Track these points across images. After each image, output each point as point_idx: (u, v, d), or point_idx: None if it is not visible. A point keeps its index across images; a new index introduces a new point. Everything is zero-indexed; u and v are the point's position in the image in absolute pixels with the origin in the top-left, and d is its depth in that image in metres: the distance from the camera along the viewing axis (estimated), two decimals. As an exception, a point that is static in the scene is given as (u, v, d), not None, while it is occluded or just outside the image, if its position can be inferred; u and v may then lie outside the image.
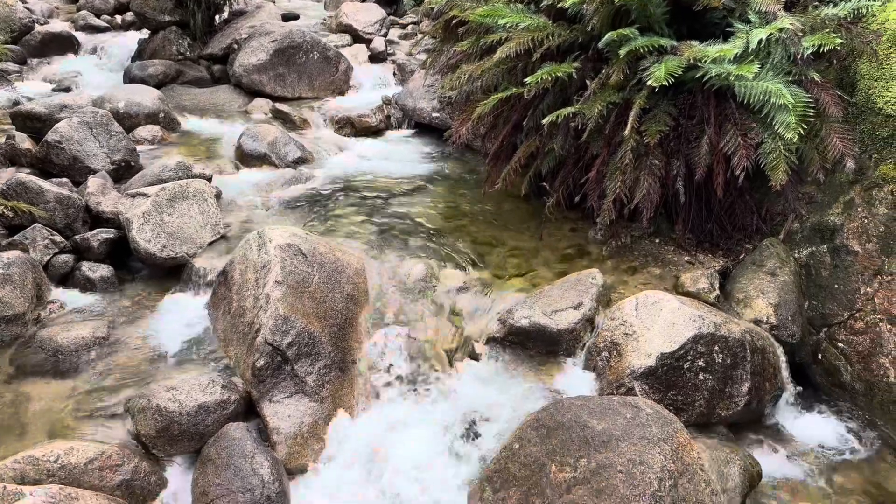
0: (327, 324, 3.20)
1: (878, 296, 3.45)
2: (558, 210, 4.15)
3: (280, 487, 2.70)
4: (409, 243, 3.96)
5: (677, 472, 2.42)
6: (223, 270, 3.54)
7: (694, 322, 3.22)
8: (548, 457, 2.56)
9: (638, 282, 3.80)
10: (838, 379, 3.57)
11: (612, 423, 2.57)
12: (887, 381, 3.40)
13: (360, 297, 3.43)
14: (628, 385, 3.18)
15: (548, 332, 3.40)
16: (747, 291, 3.67)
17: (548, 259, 4.01)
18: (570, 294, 3.53)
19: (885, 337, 3.41)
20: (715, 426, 3.24)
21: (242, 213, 4.33)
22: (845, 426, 3.45)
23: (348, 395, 3.15)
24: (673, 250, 4.03)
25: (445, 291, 3.67)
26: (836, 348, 3.58)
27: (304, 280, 3.25)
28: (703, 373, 3.18)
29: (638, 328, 3.29)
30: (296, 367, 3.04)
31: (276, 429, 2.94)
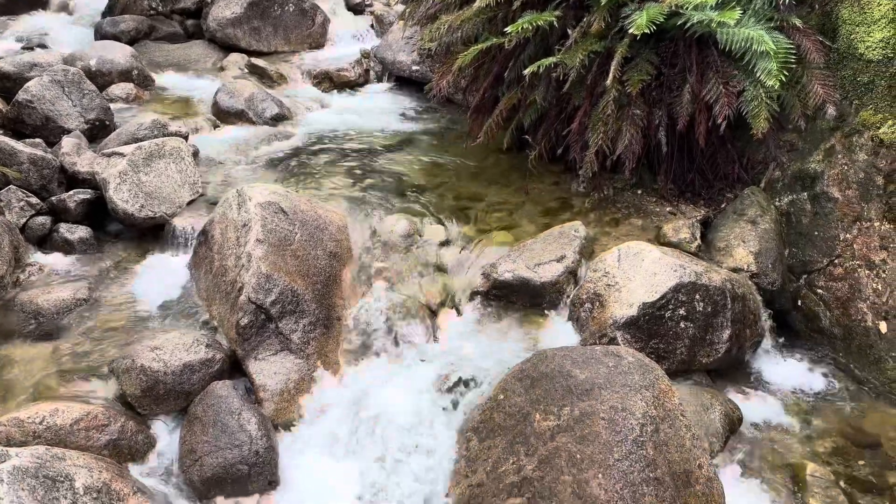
0: (311, 281, 3.20)
1: (857, 242, 3.48)
2: (541, 163, 4.13)
3: (268, 443, 2.73)
4: (392, 199, 3.93)
5: (659, 417, 2.46)
6: (203, 230, 3.50)
7: (675, 272, 3.24)
8: (532, 406, 2.60)
9: (620, 233, 3.81)
10: (817, 325, 3.63)
11: (595, 372, 2.60)
12: (865, 325, 3.46)
13: (343, 254, 3.42)
14: (611, 335, 3.21)
15: (531, 285, 3.41)
16: (728, 240, 3.70)
17: (531, 213, 4.00)
18: (553, 247, 3.54)
19: (864, 282, 3.46)
20: (696, 373, 3.30)
21: (221, 171, 4.27)
22: (823, 371, 3.52)
23: (334, 352, 3.16)
24: (655, 201, 4.04)
25: (429, 247, 3.66)
26: (816, 294, 3.62)
27: (286, 238, 3.23)
28: (684, 321, 3.22)
29: (620, 279, 3.31)
30: (280, 325, 3.04)
31: (263, 386, 2.95)
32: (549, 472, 2.40)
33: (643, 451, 2.37)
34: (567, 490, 2.34)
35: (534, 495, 2.39)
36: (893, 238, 3.38)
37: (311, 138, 4.76)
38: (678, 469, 2.41)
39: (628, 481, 2.31)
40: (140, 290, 3.47)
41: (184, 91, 5.51)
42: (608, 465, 2.35)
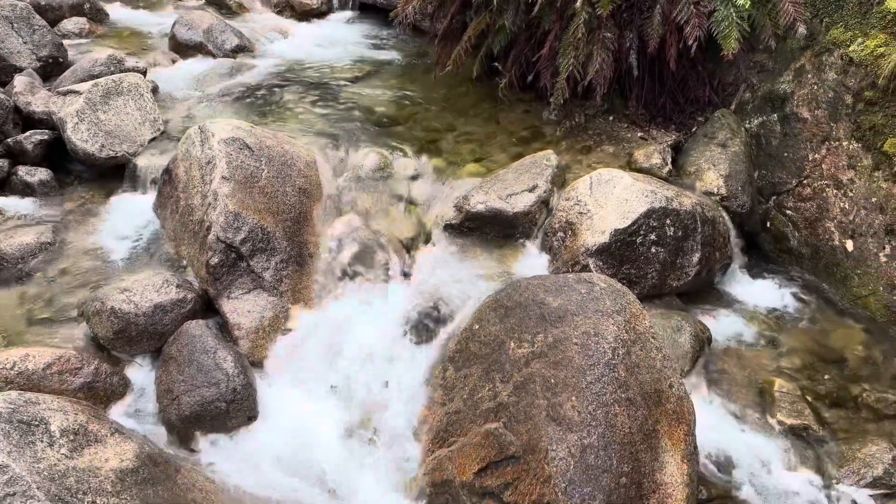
0: (280, 218, 3.15)
1: (825, 162, 3.50)
2: (511, 91, 4.06)
3: (245, 380, 2.73)
4: (361, 133, 3.86)
5: (630, 340, 2.50)
6: (167, 168, 3.42)
7: (646, 197, 3.24)
8: (506, 335, 2.62)
9: (592, 161, 3.79)
10: (786, 245, 3.68)
11: (568, 298, 2.62)
12: (832, 244, 3.52)
13: (312, 190, 3.36)
14: (583, 262, 3.23)
15: (504, 215, 3.40)
16: (699, 164, 3.70)
17: (502, 143, 3.96)
18: (525, 177, 3.52)
19: (832, 202, 3.50)
20: (667, 296, 3.34)
21: (182, 107, 4.14)
22: (791, 290, 3.59)
23: (308, 289, 3.15)
24: (626, 127, 4.01)
25: (400, 180, 3.62)
26: (785, 215, 3.66)
27: (253, 175, 3.16)
28: (655, 246, 3.24)
29: (592, 207, 3.31)
30: (252, 263, 3.01)
31: (237, 324, 2.94)
32: (524, 397, 2.44)
33: (615, 373, 2.42)
34: (542, 413, 2.39)
35: (509, 420, 2.44)
36: (861, 157, 3.41)
37: (275, 70, 4.62)
38: (649, 389, 2.46)
39: (601, 402, 2.36)
40: (106, 231, 3.40)
41: (139, 24, 5.29)
42: (581, 388, 2.39)
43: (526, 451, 2.36)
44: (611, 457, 2.31)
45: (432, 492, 2.52)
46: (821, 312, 3.49)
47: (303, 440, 2.72)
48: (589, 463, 2.30)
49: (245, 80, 4.47)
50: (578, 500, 2.26)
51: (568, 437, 2.33)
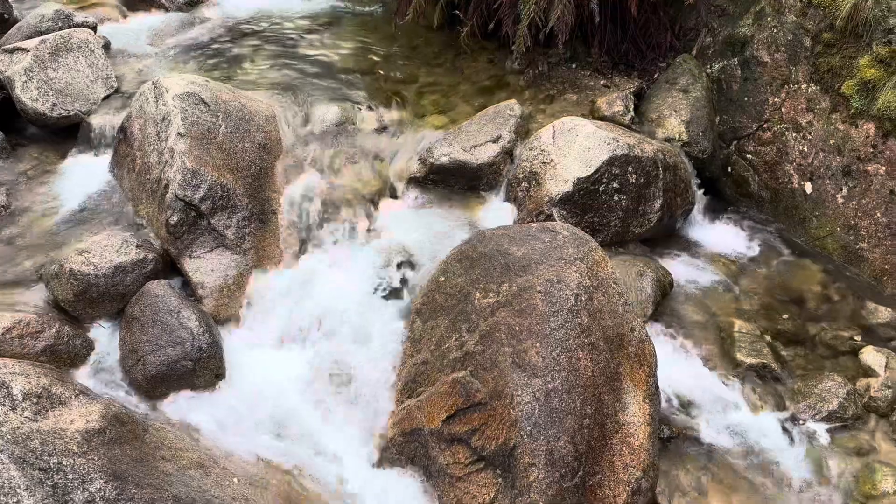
0: (240, 175, 3.10)
1: (784, 105, 3.53)
2: (474, 40, 4.01)
3: (211, 338, 2.72)
4: (321, 86, 3.79)
5: (592, 287, 2.53)
6: (121, 126, 3.33)
7: (608, 145, 3.25)
8: (472, 285, 2.64)
9: (555, 110, 3.78)
10: (746, 189, 3.73)
11: (532, 248, 2.64)
12: (791, 187, 3.57)
13: (272, 145, 3.31)
14: (547, 212, 3.25)
15: (468, 167, 3.39)
16: (660, 111, 3.71)
17: (466, 93, 3.92)
18: (488, 127, 3.50)
19: (791, 145, 3.54)
20: (630, 243, 3.39)
21: (135, 63, 4.02)
22: (752, 234, 3.66)
23: (272, 246, 3.12)
24: (589, 75, 3.99)
25: (362, 134, 3.57)
26: (745, 160, 3.70)
27: (210, 130, 3.09)
28: (617, 194, 3.26)
29: (555, 156, 3.31)
30: (213, 222, 2.97)
31: (201, 283, 2.92)
32: (490, 345, 2.48)
33: (578, 319, 2.45)
34: (507, 361, 2.42)
35: (476, 368, 2.47)
36: (819, 100, 3.44)
37: (230, 23, 4.48)
38: (611, 333, 2.51)
39: (564, 348, 2.41)
40: (61, 193, 3.32)
41: (87, -22, 5.08)
42: (545, 335, 2.43)
43: (492, 398, 2.41)
44: (574, 400, 2.36)
45: (402, 441, 2.56)
46: (780, 254, 3.57)
47: (272, 397, 2.73)
48: (553, 406, 2.34)
49: (199, 33, 4.34)
50: (543, 442, 2.32)
51: (533, 382, 2.38)
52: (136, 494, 2.13)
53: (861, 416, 2.81)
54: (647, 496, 2.43)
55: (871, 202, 3.35)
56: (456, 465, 2.43)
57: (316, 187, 3.32)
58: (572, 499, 2.32)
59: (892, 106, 3.21)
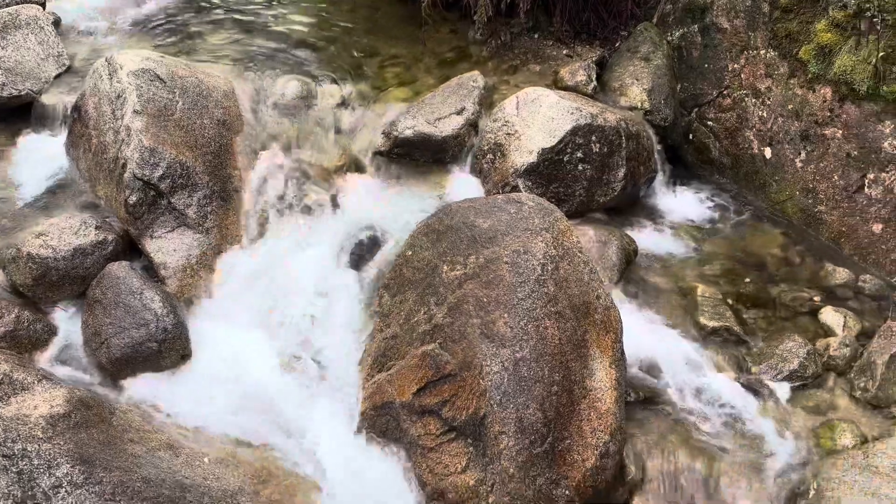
0: (200, 152, 3.05)
1: (744, 71, 3.57)
2: (436, 11, 3.96)
3: (176, 319, 2.69)
4: (280, 60, 3.72)
5: (558, 256, 2.55)
6: (75, 105, 3.25)
7: (572, 115, 3.26)
8: (439, 259, 2.64)
9: (518, 80, 3.77)
10: (708, 156, 3.77)
11: (498, 219, 2.64)
12: (751, 152, 3.62)
13: (232, 121, 3.25)
14: (512, 183, 3.26)
15: (433, 140, 3.37)
16: (623, 80, 3.72)
17: (428, 65, 3.89)
18: (452, 99, 3.48)
19: (751, 111, 3.58)
20: (595, 212, 3.42)
21: (87, 40, 3.90)
22: (713, 200, 3.71)
23: (235, 224, 3.08)
24: (552, 45, 3.98)
25: (325, 108, 3.53)
26: (706, 127, 3.74)
27: (167, 107, 3.03)
28: (581, 163, 3.28)
29: (519, 127, 3.31)
30: (173, 201, 2.92)
31: (163, 264, 2.87)
32: (459, 317, 2.49)
33: (545, 288, 2.47)
34: (476, 332, 2.44)
35: (445, 340, 2.48)
36: (777, 65, 3.48)
37: (185, -3, 4.38)
38: (578, 302, 2.54)
39: (532, 317, 2.43)
40: (15, 175, 3.23)
41: (33, -48, 4.89)
42: (513, 305, 2.44)
43: (462, 369, 2.42)
44: (542, 368, 2.39)
45: (373, 415, 2.57)
46: (741, 219, 3.62)
47: (240, 376, 2.71)
48: (522, 375, 2.37)
49: (153, 7, 4.22)
50: (513, 410, 2.34)
51: (501, 352, 2.40)
52: (104, 478, 2.11)
53: (820, 374, 2.89)
54: (615, 459, 2.49)
55: (829, 165, 3.41)
56: (427, 437, 2.45)
57: (278, 163, 3.28)
58: (542, 464, 2.35)
59: (849, 70, 3.26)
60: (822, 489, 2.42)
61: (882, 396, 2.76)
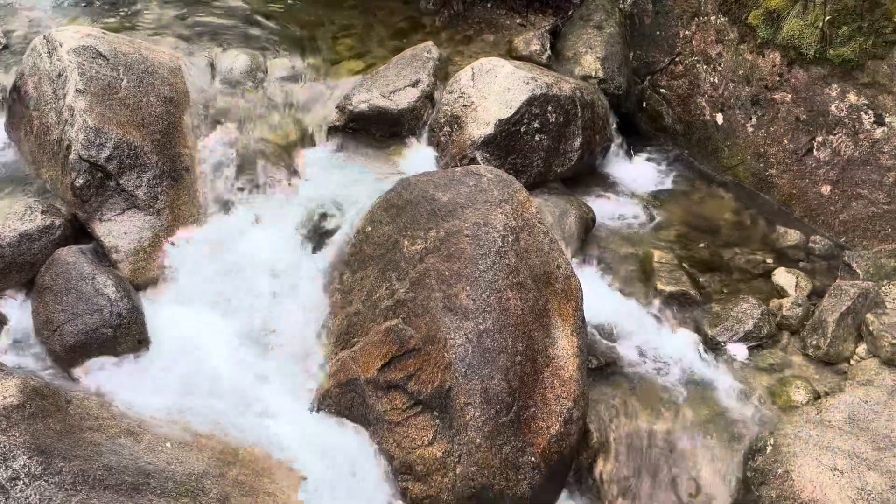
0: (148, 131, 2.95)
1: (695, 38, 3.60)
2: (386, -20, 3.90)
3: (130, 303, 2.63)
4: (227, 34, 3.62)
5: (518, 227, 2.56)
6: (14, 85, 3.11)
7: (527, 85, 3.25)
8: (400, 233, 2.62)
9: (473, 51, 3.75)
10: (661, 123, 3.81)
11: (457, 192, 2.63)
12: (703, 119, 3.67)
13: (179, 98, 3.15)
14: (470, 156, 3.24)
15: (388, 113, 3.33)
16: (576, 48, 3.72)
17: (381, 36, 3.83)
18: (406, 71, 3.44)
19: (702, 77, 3.62)
20: (553, 182, 3.43)
21: (23, 16, 3.73)
22: (668, 167, 3.76)
23: (187, 204, 3.01)
24: (505, 14, 3.96)
25: (276, 82, 3.46)
26: (659, 94, 3.77)
27: (111, 85, 2.92)
28: (538, 134, 3.28)
29: (476, 98, 3.29)
30: (121, 182, 2.83)
31: (115, 247, 2.79)
32: (421, 291, 2.48)
33: (506, 260, 2.48)
34: (439, 305, 2.44)
35: (408, 315, 2.48)
36: (728, 31, 3.51)
37: (126, -30, 4.21)
38: (539, 272, 2.55)
39: (494, 289, 2.43)
40: (-48, 160, 3.10)
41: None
42: (475, 278, 2.44)
43: (426, 343, 2.42)
44: (506, 338, 2.40)
45: (338, 392, 2.56)
46: (695, 185, 3.69)
47: (201, 358, 2.66)
48: (486, 346, 2.38)
49: (92, -18, 4.06)
50: (478, 382, 2.36)
51: (464, 324, 2.40)
52: (63, 468, 2.06)
53: (775, 334, 2.97)
54: (579, 424, 2.53)
55: (779, 129, 3.48)
56: (394, 411, 2.45)
57: (230, 140, 3.20)
58: (508, 433, 2.38)
59: (796, 34, 3.31)
60: (779, 444, 2.50)
61: (833, 353, 2.85)
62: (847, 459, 2.40)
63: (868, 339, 2.83)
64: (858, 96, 3.21)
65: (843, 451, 2.42)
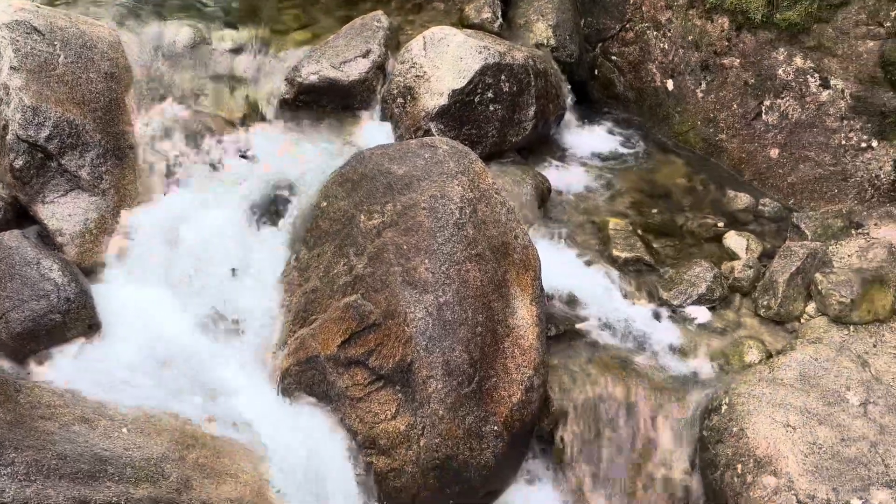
0: (88, 109, 2.84)
1: (645, 4, 3.61)
2: (332, -54, 3.80)
3: (78, 287, 2.55)
4: (167, 5, 3.49)
5: (475, 199, 2.55)
6: (-59, 63, 2.95)
7: (480, 54, 3.22)
8: (356, 208, 2.59)
9: (424, 20, 3.70)
10: (613, 91, 3.83)
11: (413, 165, 2.61)
12: (654, 85, 3.70)
13: (121, 74, 3.04)
14: (425, 127, 3.21)
15: (339, 85, 3.27)
16: (528, 16, 3.70)
17: (328, 5, 3.75)
18: (356, 41, 3.37)
19: (653, 44, 3.64)
20: (508, 152, 3.43)
21: (-53, -11, 3.54)
22: (621, 134, 3.79)
23: (133, 184, 2.92)
24: (455, -19, 3.90)
25: (221, 56, 3.36)
26: (610, 61, 3.78)
27: (48, 62, 2.80)
28: (492, 104, 3.26)
29: (428, 68, 3.25)
30: (63, 162, 2.73)
31: (59, 230, 2.70)
32: (380, 266, 2.46)
33: (464, 232, 2.47)
34: (398, 280, 2.42)
35: (367, 290, 2.46)
36: (677, -3, 3.53)
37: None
38: (497, 243, 2.55)
39: (453, 261, 2.43)
40: None
41: None
42: (433, 251, 2.44)
43: (386, 317, 2.41)
44: (466, 310, 2.41)
45: (298, 370, 2.54)
46: (648, 152, 3.73)
47: (154, 341, 2.61)
48: (446, 319, 2.38)
49: (20, -49, 3.86)
50: (439, 354, 2.36)
51: (424, 298, 2.40)
52: (15, 458, 2.01)
53: (727, 296, 3.04)
54: (540, 392, 2.56)
55: (728, 94, 3.53)
56: (355, 387, 2.44)
57: (175, 116, 3.11)
58: (471, 403, 2.40)
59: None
60: (733, 403, 2.57)
61: (784, 313, 2.94)
62: (799, 415, 2.48)
63: (817, 298, 2.92)
64: (805, 60, 3.26)
65: (794, 408, 2.51)
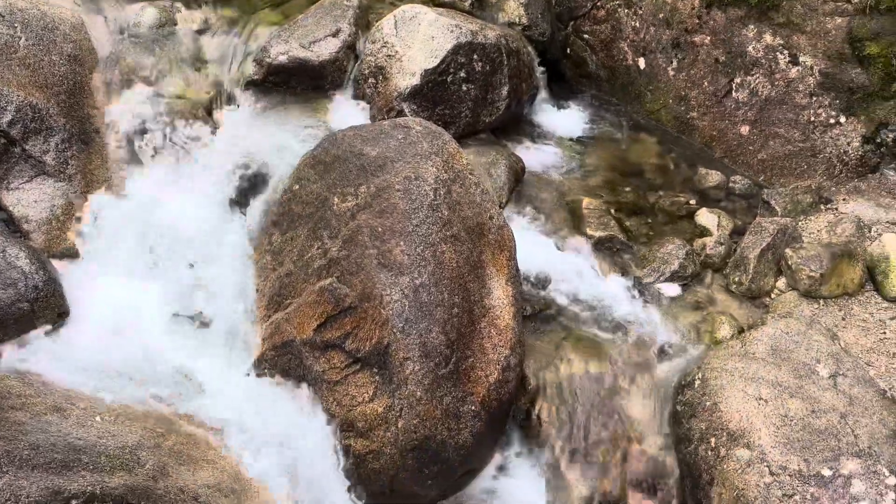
0: (52, 92, 2.77)
1: (616, -18, 3.60)
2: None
3: (46, 275, 2.50)
4: (131, -16, 3.40)
5: (449, 180, 2.54)
6: None
7: (452, 33, 3.19)
8: (329, 191, 2.57)
9: (394, -2, 3.64)
10: (586, 70, 3.83)
11: (386, 146, 2.59)
12: (626, 64, 3.70)
13: (85, 56, 2.96)
14: (397, 108, 3.19)
15: (309, 65, 3.22)
16: (500, -6, 3.67)
17: (296, -17, 3.67)
18: (326, 21, 3.32)
19: (624, 22, 3.64)
20: (482, 132, 3.42)
21: None
22: (593, 113, 3.80)
23: (101, 168, 2.86)
24: (425, -41, 3.85)
25: (187, 36, 3.29)
26: (582, 40, 3.78)
27: (8, 45, 2.71)
28: (465, 83, 3.24)
29: (400, 48, 3.22)
30: (27, 148, 2.66)
31: (24, 217, 2.64)
32: (354, 249, 2.45)
33: (438, 213, 2.46)
34: (373, 262, 2.41)
35: (342, 273, 2.44)
36: (648, -25, 3.53)
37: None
38: (472, 224, 2.55)
39: (428, 243, 2.42)
40: None
41: None
42: (408, 233, 2.42)
43: (362, 300, 2.40)
44: (442, 292, 2.40)
45: (274, 355, 2.52)
46: (620, 131, 3.74)
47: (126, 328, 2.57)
48: (422, 301, 2.38)
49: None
50: (416, 336, 2.36)
51: (400, 280, 2.39)
52: (-13, 451, 1.97)
53: (699, 273, 3.08)
54: (517, 371, 2.57)
55: (699, 72, 3.54)
56: (332, 371, 2.43)
57: (142, 99, 3.05)
58: (448, 384, 2.40)
59: (714, -23, 3.35)
60: (706, 378, 2.62)
61: (755, 288, 2.98)
62: (771, 389, 2.53)
63: (787, 273, 2.97)
64: (774, 37, 3.29)
65: (766, 381, 2.55)
